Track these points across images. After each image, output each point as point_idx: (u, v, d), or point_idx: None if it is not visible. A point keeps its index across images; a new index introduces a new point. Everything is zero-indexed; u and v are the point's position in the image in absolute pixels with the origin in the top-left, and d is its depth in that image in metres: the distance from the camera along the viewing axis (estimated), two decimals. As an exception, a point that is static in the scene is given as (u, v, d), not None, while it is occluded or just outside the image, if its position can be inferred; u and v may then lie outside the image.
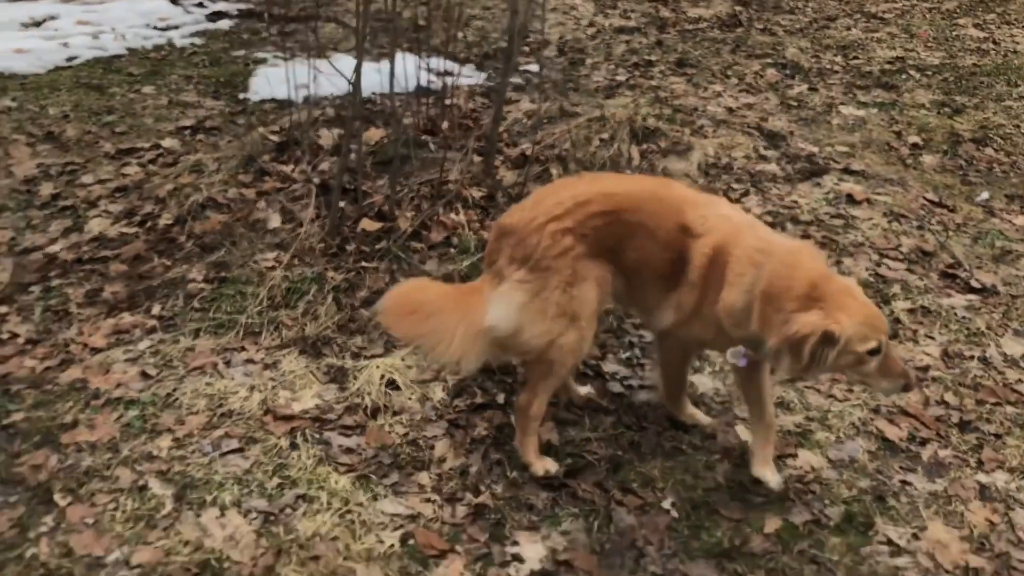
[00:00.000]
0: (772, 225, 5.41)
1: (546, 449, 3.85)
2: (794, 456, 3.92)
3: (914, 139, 7.09)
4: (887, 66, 8.79)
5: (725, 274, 3.41)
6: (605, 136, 6.07)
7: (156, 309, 4.68)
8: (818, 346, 3.19)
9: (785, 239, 3.76)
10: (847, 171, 6.35)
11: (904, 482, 3.85)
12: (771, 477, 3.73)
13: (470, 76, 7.53)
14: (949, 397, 4.35)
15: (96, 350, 4.41)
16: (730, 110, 7.33)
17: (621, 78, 8.08)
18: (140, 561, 3.28)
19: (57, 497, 3.54)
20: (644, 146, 6.20)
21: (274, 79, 7.20)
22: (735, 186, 5.98)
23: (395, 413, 4.03)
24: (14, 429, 3.91)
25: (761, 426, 3.76)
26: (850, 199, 5.93)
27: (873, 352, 3.29)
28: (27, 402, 4.06)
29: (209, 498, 3.54)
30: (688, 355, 3.98)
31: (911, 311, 4.91)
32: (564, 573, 3.36)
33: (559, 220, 3.51)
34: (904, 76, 8.53)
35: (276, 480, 3.65)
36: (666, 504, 3.67)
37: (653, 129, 6.36)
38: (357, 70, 4.84)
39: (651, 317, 3.75)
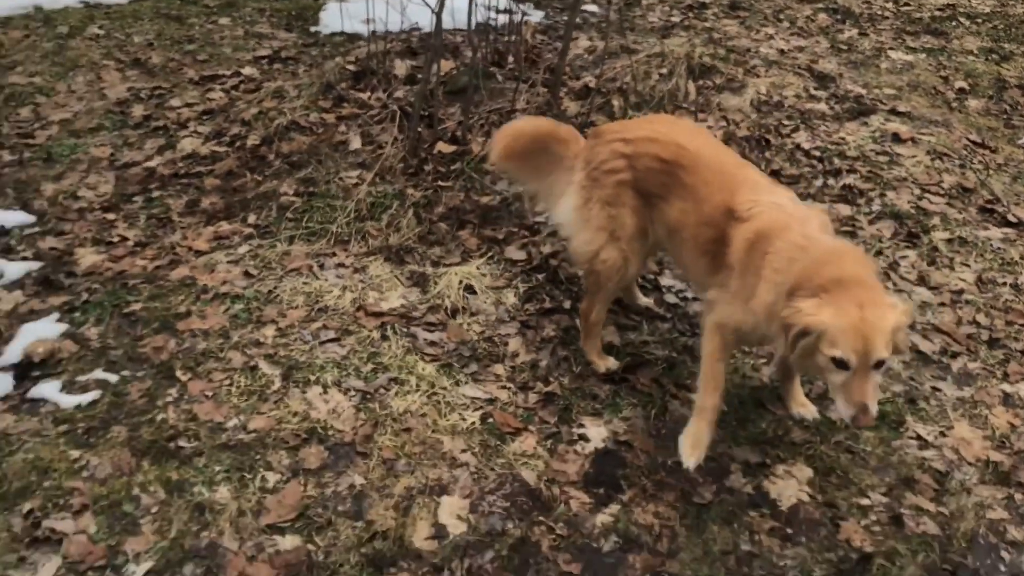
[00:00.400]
0: (818, 160, 5.76)
1: (608, 349, 4.27)
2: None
3: (960, 84, 7.32)
4: (937, 13, 8.95)
5: (763, 267, 3.32)
6: (664, 71, 6.39)
7: (252, 218, 5.14)
8: (797, 335, 3.10)
9: (834, 240, 3.48)
10: (894, 112, 6.61)
11: (934, 388, 4.23)
12: (807, 412, 3.98)
13: (529, 14, 7.84)
14: (980, 318, 4.69)
15: (200, 252, 4.88)
16: (782, 52, 7.59)
17: (675, 19, 8.34)
18: (256, 427, 3.76)
19: (179, 373, 4.03)
20: (700, 82, 6.51)
21: (344, 12, 7.58)
22: (785, 123, 6.29)
23: (472, 314, 4.47)
24: (135, 317, 4.39)
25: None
26: (895, 138, 6.21)
27: (838, 363, 3.08)
28: (144, 295, 4.54)
29: (312, 378, 4.01)
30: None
31: (949, 241, 5.24)
32: (624, 451, 3.79)
33: (625, 144, 3.86)
34: (954, 23, 8.71)
35: (370, 365, 4.11)
36: (716, 396, 4.08)
37: (709, 66, 6.67)
38: (441, 2, 5.20)
39: (698, 289, 4.02)
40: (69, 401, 3.86)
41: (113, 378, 4.00)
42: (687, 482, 3.68)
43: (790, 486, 3.66)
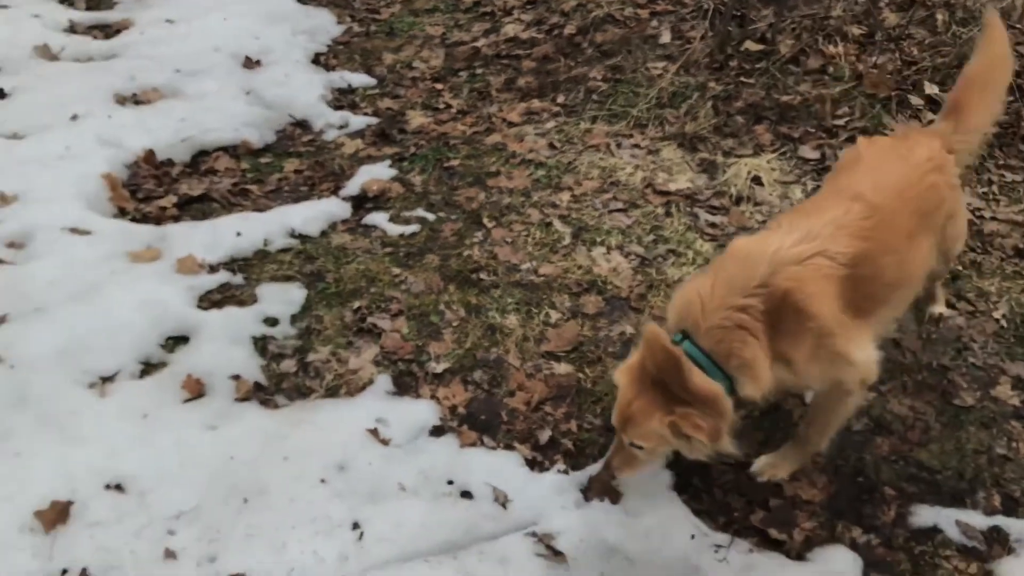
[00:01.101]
0: None
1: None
2: None
3: None
4: None
5: None
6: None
7: (560, 99, 5.57)
8: None
9: None
10: None
11: None
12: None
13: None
14: None
15: (512, 124, 5.38)
16: None
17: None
18: (545, 272, 4.22)
19: (485, 220, 4.57)
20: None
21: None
22: None
23: (756, 204, 4.65)
24: (453, 171, 4.98)
25: None
26: None
27: None
28: (461, 154, 5.12)
29: (598, 240, 4.41)
30: None
31: None
32: (891, 348, 3.86)
33: None
34: None
35: (652, 236, 4.44)
36: (997, 314, 4.03)
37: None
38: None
39: None
40: (394, 230, 4.51)
41: (431, 217, 4.60)
42: (950, 384, 3.71)
43: (1061, 406, 3.60)
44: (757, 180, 4.74)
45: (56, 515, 3.00)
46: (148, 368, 3.65)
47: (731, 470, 3.36)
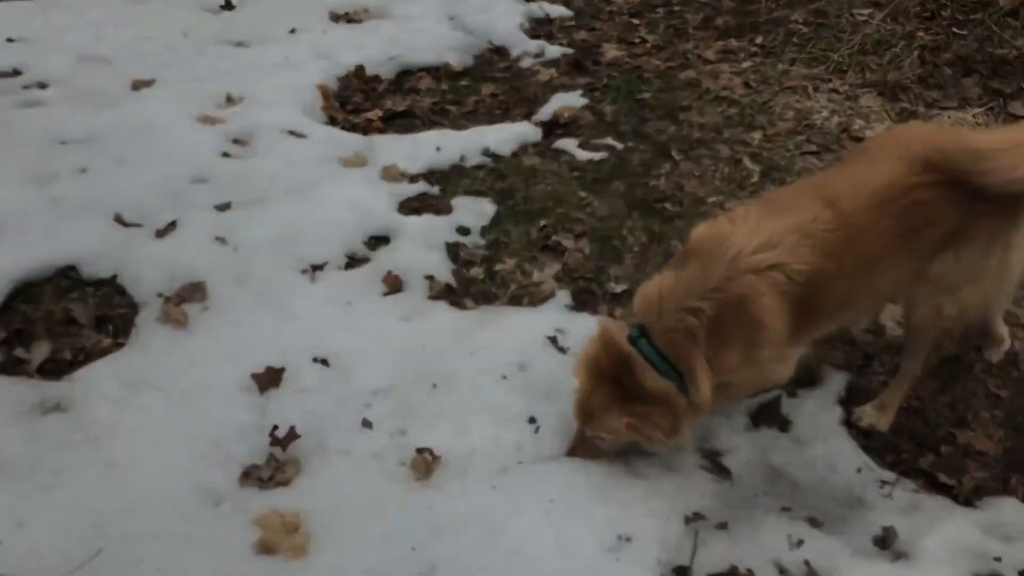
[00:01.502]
0: None
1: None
2: None
3: None
4: None
5: None
6: None
7: (759, 39, 5.54)
8: None
9: None
10: None
11: None
12: None
13: None
14: None
15: (707, 61, 5.40)
16: None
17: None
18: (730, 207, 4.26)
19: (673, 153, 4.64)
20: None
21: None
22: None
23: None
24: (644, 103, 5.06)
25: None
26: None
27: None
28: (654, 87, 5.19)
29: (788, 180, 4.41)
30: None
31: None
32: None
33: None
34: None
35: (843, 181, 4.39)
36: None
37: None
38: None
39: None
40: (583, 155, 4.66)
41: (619, 146, 4.71)
42: None
43: None
44: (962, 131, 4.59)
45: (270, 379, 3.35)
46: (352, 262, 3.96)
47: (903, 412, 3.37)
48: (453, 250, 4.05)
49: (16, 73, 5.15)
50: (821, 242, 2.72)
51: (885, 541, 2.97)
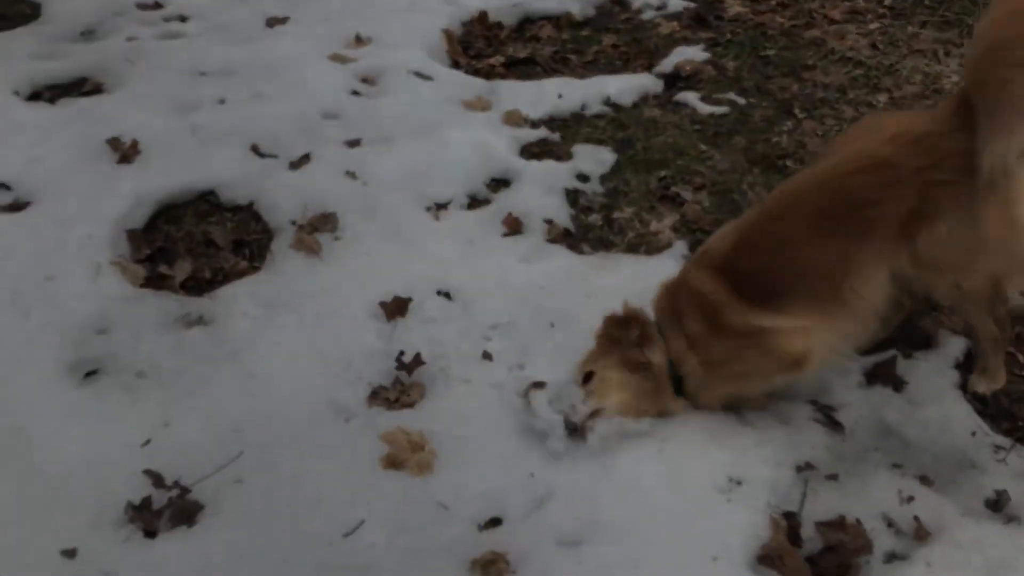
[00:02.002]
0: None
1: None
2: None
3: None
4: None
5: None
6: None
7: (887, 1, 5.40)
8: None
9: None
10: None
11: None
12: None
13: None
14: None
15: (834, 21, 5.31)
16: None
17: None
18: (852, 168, 4.23)
19: (796, 111, 4.62)
20: None
21: None
22: None
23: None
24: (768, 60, 5.03)
25: None
26: None
27: None
28: (778, 45, 5.14)
29: (913, 143, 4.34)
30: None
31: None
32: None
33: None
34: None
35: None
36: None
37: None
38: None
39: None
40: (704, 109, 4.67)
41: (741, 101, 4.70)
42: None
43: None
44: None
45: (397, 307, 3.50)
46: (475, 202, 4.08)
47: (1021, 380, 3.35)
48: (572, 196, 4.13)
49: (158, 6, 5.39)
50: (744, 225, 3.06)
51: (997, 504, 2.97)
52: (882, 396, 3.29)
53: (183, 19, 5.28)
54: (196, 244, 3.83)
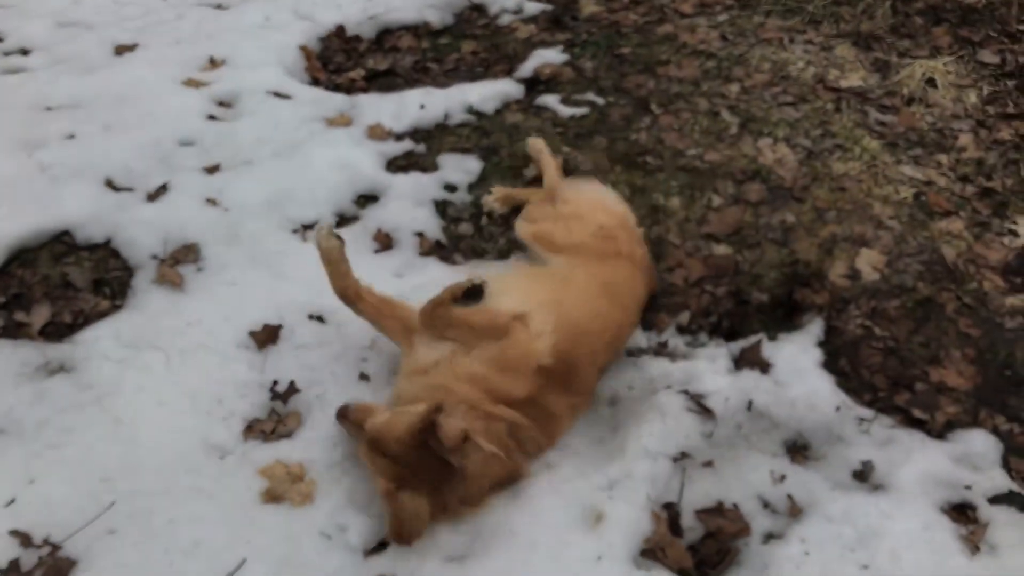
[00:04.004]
0: None
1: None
2: None
3: None
4: None
5: None
6: None
7: (735, -8, 5.59)
8: None
9: None
10: None
11: None
12: None
13: None
14: None
15: (684, 15, 5.45)
16: None
17: None
18: (710, 159, 4.36)
19: (653, 107, 4.72)
20: None
21: None
22: None
23: (928, 105, 4.63)
24: (623, 58, 5.12)
25: None
26: None
27: None
28: (632, 42, 5.24)
29: (765, 131, 4.50)
30: None
31: None
32: None
33: None
34: None
35: (819, 131, 4.50)
36: None
37: None
38: None
39: None
40: (565, 111, 4.72)
41: (600, 101, 4.78)
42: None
43: None
44: (931, 82, 4.70)
45: (267, 336, 3.44)
46: (343, 220, 4.04)
47: (879, 353, 3.51)
48: (441, 207, 4.14)
49: (-4, 40, 5.15)
50: None
51: (863, 474, 3.12)
52: (750, 379, 3.41)
53: (24, 52, 5.05)
54: (53, 287, 3.67)
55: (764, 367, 3.47)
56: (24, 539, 2.73)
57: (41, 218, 3.85)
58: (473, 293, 3.15)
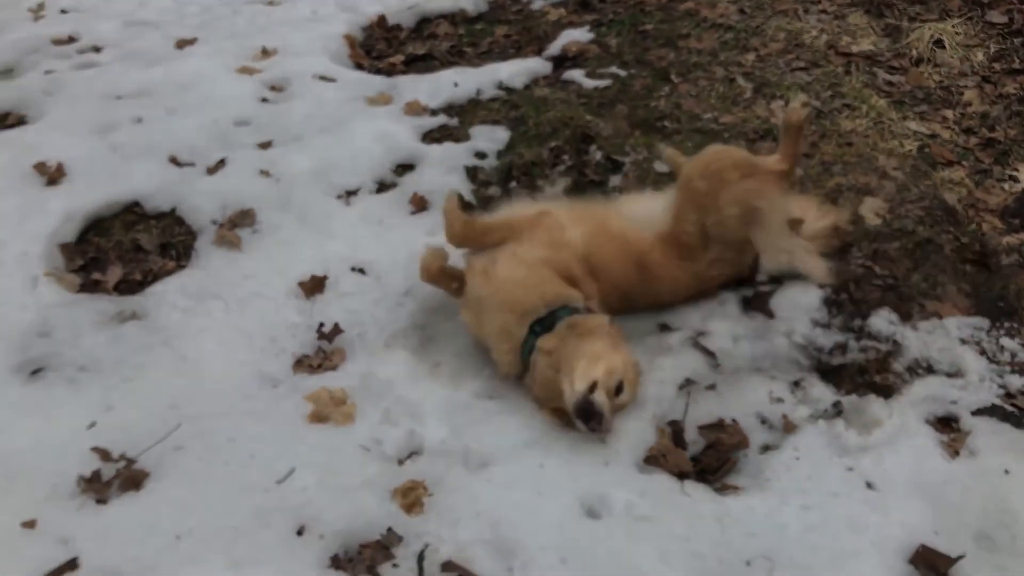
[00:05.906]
0: None
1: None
2: None
3: None
4: None
5: None
6: None
7: (755, -32, 5.84)
8: None
9: None
10: None
11: None
12: None
13: None
14: None
15: (706, -9, 5.74)
16: None
17: None
18: (725, 121, 4.64)
19: (672, 76, 5.01)
20: None
21: None
22: None
23: (935, 65, 4.84)
24: (646, 34, 5.43)
25: None
26: None
27: None
28: (655, 19, 5.56)
29: (778, 94, 4.76)
30: None
31: None
32: None
33: None
34: None
35: (829, 92, 4.75)
36: None
37: None
38: None
39: None
40: (589, 84, 5.05)
41: (623, 73, 5.10)
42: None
43: None
44: (939, 43, 4.91)
45: (314, 286, 3.83)
46: (382, 187, 4.42)
47: (880, 289, 3.76)
48: (471, 172, 4.49)
49: (72, 40, 5.67)
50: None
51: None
52: (758, 320, 3.68)
53: (97, 49, 5.56)
54: (125, 251, 4.11)
55: (770, 314, 3.72)
56: (104, 454, 3.13)
57: (113, 191, 4.30)
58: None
